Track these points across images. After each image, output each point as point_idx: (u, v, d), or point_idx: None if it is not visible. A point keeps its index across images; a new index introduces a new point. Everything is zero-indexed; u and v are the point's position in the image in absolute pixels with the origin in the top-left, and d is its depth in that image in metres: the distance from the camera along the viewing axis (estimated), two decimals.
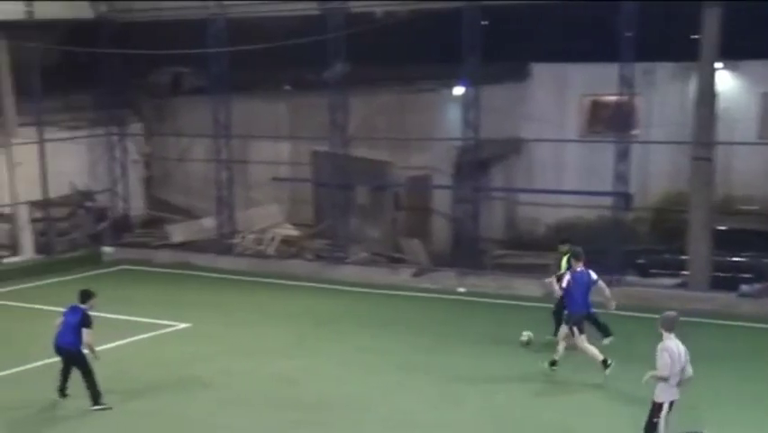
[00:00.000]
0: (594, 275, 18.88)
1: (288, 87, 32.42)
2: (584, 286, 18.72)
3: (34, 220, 30.11)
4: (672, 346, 13.84)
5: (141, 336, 22.35)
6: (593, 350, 18.52)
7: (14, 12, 28.85)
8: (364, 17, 27.60)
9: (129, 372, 19.78)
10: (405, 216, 29.31)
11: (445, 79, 28.20)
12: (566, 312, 18.84)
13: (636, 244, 26.59)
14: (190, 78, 33.65)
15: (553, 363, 18.89)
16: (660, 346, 13.86)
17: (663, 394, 13.99)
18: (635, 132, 27.52)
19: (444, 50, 26.89)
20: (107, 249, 30.94)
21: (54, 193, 30.50)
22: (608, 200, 25.74)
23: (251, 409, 17.63)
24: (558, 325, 19.71)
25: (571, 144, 29.08)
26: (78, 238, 31.10)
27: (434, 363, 19.92)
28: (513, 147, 29.93)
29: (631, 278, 25.21)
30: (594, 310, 19.31)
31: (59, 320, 18.02)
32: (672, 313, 14.16)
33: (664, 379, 13.81)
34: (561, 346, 18.88)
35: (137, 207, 33.27)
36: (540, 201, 28.87)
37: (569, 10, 25.80)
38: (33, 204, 30.05)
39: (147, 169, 33.91)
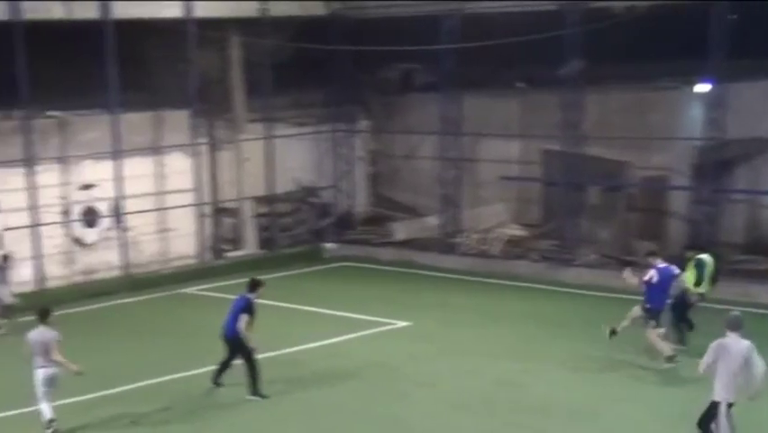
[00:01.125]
0: (677, 270, 20.03)
1: (520, 85, 32.07)
2: (668, 281, 19.79)
3: (258, 215, 30.86)
4: (730, 345, 14.08)
5: (360, 334, 22.57)
6: (662, 344, 19.65)
7: (249, 9, 29.60)
8: (602, 12, 27.00)
9: (345, 369, 20.02)
10: (638, 217, 28.40)
11: (687, 77, 27.26)
12: (647, 306, 19.72)
13: None
14: (421, 75, 33.80)
15: (670, 358, 19.45)
16: (714, 342, 14.21)
17: (719, 393, 14.19)
18: None
19: (687, 46, 25.97)
20: (329, 245, 31.39)
21: (279, 189, 31.20)
22: None
23: (469, 411, 17.49)
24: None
25: None
26: (301, 234, 31.73)
27: (664, 372, 19.20)
28: (761, 147, 28.49)
29: None
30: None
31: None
32: (736, 313, 14.60)
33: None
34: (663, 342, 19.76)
35: (361, 203, 33.68)
36: None
37: None
38: (258, 199, 30.79)
39: (373, 166, 34.21)
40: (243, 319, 18.30)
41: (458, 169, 30.25)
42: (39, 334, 16.73)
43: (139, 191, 27.82)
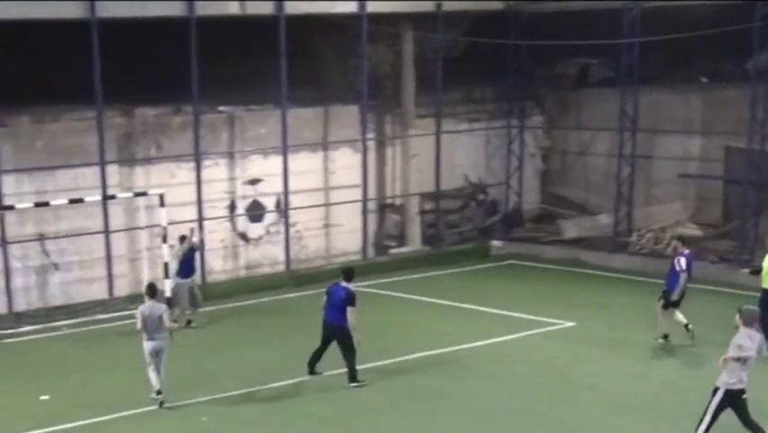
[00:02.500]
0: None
1: (704, 79, 31.09)
2: (692, 266, 21.42)
3: (424, 212, 30.86)
4: (746, 341, 14.68)
5: (524, 334, 22.38)
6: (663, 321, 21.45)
7: (423, 4, 29.53)
8: None
9: (508, 369, 19.93)
10: None
11: None
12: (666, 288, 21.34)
13: None
14: (598, 70, 33.22)
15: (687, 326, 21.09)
16: (734, 341, 14.77)
17: (724, 380, 14.86)
18: None
19: None
20: (496, 243, 31.15)
21: (447, 185, 31.13)
22: None
23: (634, 415, 17.21)
24: None
25: None
26: (467, 231, 31.55)
27: None
28: None
29: None
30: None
31: (324, 299, 19.18)
32: (752, 308, 15.26)
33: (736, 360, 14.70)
34: (679, 317, 21.21)
35: (530, 201, 33.27)
36: None
37: None
38: (425, 195, 30.79)
39: (544, 162, 33.80)
40: (353, 313, 18.74)
41: (633, 166, 29.57)
42: (149, 308, 17.74)
43: (305, 187, 28.12)
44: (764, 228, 27.27)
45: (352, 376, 18.95)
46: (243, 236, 27.51)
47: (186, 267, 23.46)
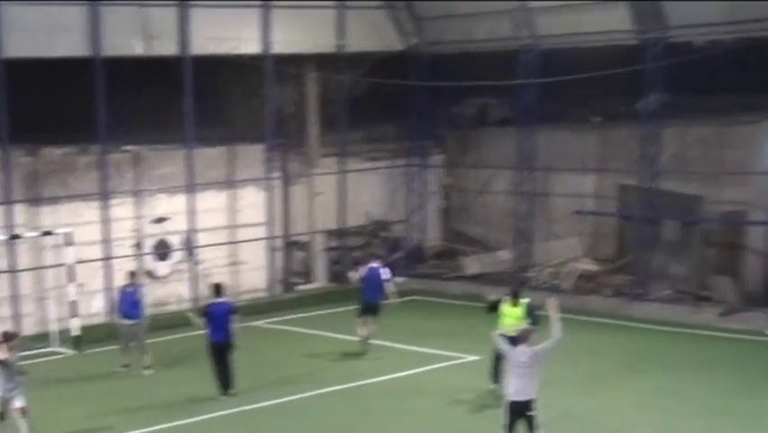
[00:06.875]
0: (384, 273, 23.67)
1: (595, 119, 31.81)
2: (376, 279, 23.48)
3: (329, 249, 31.07)
4: (513, 355, 16.04)
5: (428, 368, 22.54)
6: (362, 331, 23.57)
7: (326, 45, 29.87)
8: (684, 47, 26.77)
9: (417, 402, 19.99)
10: (715, 252, 27.87)
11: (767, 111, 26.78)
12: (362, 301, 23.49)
13: None
14: (496, 110, 33.67)
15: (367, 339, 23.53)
16: (507, 347, 16.36)
17: (508, 392, 15.95)
18: None
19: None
20: (399, 279, 30.80)
21: (351, 222, 31.40)
22: None
23: None
24: None
25: None
26: None
27: (741, 409, 18.91)
28: None
29: None
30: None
31: (201, 320, 20.41)
32: (526, 327, 17.22)
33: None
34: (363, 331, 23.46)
35: (432, 238, 33.65)
36: None
37: None
38: (329, 233, 31.01)
39: (445, 200, 34.17)
40: (237, 321, 20.25)
41: (531, 203, 30.07)
42: None
43: (211, 225, 28.19)
44: (658, 262, 27.96)
45: (231, 385, 20.29)
46: (150, 274, 27.39)
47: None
